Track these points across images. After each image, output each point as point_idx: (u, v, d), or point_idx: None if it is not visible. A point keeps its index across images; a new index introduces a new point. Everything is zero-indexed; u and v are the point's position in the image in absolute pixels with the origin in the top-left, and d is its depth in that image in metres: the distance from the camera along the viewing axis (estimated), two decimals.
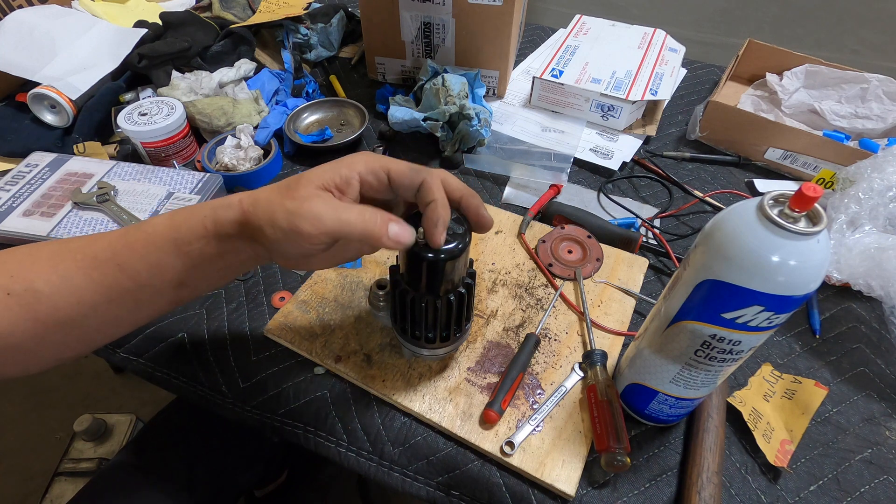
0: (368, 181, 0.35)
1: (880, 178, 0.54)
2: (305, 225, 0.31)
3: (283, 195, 0.33)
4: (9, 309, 0.33)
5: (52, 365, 0.37)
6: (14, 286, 0.33)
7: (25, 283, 0.33)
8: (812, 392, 0.45)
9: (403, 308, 0.40)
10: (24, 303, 0.33)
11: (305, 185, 0.33)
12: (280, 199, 0.32)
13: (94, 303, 0.34)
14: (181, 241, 0.34)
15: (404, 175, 0.35)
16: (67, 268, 0.34)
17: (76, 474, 1.04)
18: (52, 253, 0.35)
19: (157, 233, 0.35)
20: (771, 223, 0.28)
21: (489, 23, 0.73)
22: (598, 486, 0.42)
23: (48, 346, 0.35)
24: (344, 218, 0.31)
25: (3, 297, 0.33)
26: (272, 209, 0.32)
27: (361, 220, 0.32)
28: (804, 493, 0.42)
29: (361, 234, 0.32)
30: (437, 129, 0.69)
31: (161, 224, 0.35)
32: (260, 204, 0.33)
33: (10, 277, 0.34)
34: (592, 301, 0.53)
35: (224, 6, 0.90)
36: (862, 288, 0.50)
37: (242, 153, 0.68)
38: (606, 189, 0.69)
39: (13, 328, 0.33)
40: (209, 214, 0.34)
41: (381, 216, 0.32)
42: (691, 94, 0.86)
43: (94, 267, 0.34)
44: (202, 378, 0.49)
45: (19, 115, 0.72)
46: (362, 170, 0.34)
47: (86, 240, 0.36)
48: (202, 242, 0.34)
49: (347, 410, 0.46)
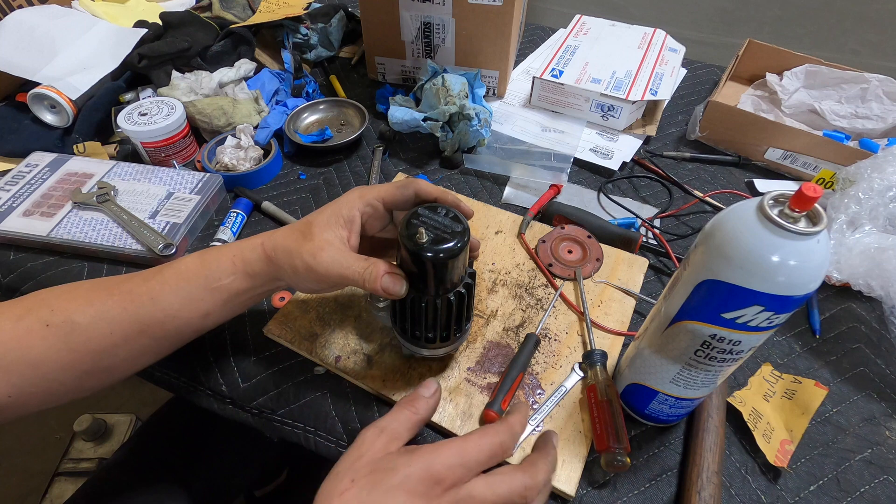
0: (367, 213, 0.40)
1: (880, 178, 0.54)
2: (319, 271, 0.37)
3: (300, 242, 0.38)
4: (45, 339, 0.37)
5: (73, 397, 0.40)
6: (53, 318, 0.37)
7: (64, 315, 0.37)
8: (812, 392, 0.45)
9: (403, 308, 0.40)
10: (62, 333, 0.37)
11: (318, 231, 0.38)
12: (297, 246, 0.38)
13: (126, 333, 0.38)
14: (212, 277, 0.39)
15: (395, 194, 0.40)
16: (103, 301, 0.38)
17: (76, 474, 1.05)
18: (90, 288, 0.39)
19: (189, 269, 0.39)
20: (771, 223, 0.28)
21: (489, 23, 0.73)
22: (598, 486, 0.42)
23: (76, 377, 0.38)
24: (346, 272, 0.37)
25: (42, 328, 0.37)
26: (291, 256, 0.38)
27: (361, 272, 0.37)
28: (804, 493, 0.42)
29: (360, 284, 0.37)
30: (437, 129, 0.69)
31: (192, 262, 0.40)
32: (280, 250, 0.39)
33: (50, 311, 0.37)
34: (592, 301, 0.53)
35: (224, 6, 0.90)
36: (862, 288, 0.50)
37: (242, 153, 0.68)
38: (606, 189, 0.69)
39: (47, 357, 0.37)
40: (237, 254, 0.39)
41: (379, 269, 0.36)
42: (691, 94, 0.86)
43: (129, 300, 0.38)
44: (202, 378, 0.49)
45: (19, 115, 0.72)
46: (360, 205, 0.39)
47: (121, 277, 0.41)
48: (231, 278, 0.39)
49: (347, 410, 0.46)
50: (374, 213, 0.40)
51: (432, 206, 0.38)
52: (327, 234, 0.38)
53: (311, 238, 0.37)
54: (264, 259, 0.39)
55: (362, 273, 0.36)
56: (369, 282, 0.36)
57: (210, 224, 0.63)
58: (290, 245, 0.38)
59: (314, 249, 0.37)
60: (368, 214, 0.40)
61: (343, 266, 0.37)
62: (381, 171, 0.70)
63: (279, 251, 0.38)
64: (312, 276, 0.37)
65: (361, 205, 0.39)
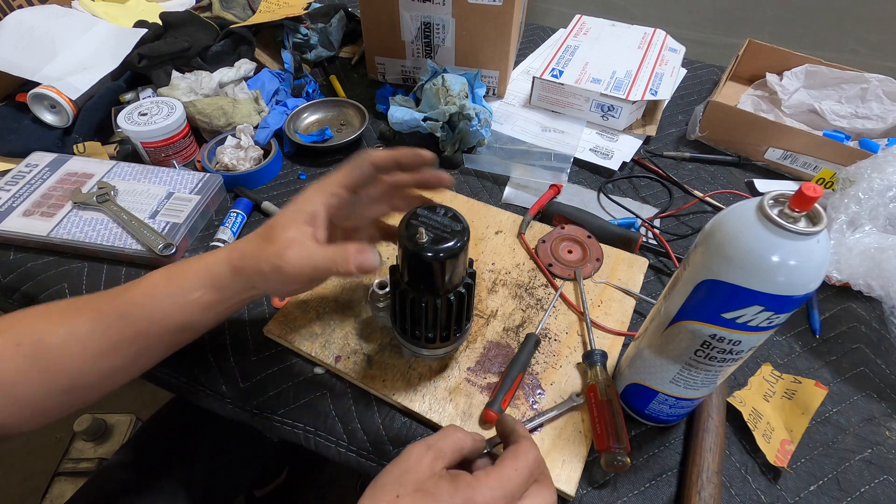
0: (332, 204, 0.39)
1: (880, 178, 0.54)
2: (289, 270, 0.36)
3: (263, 247, 0.37)
4: (14, 360, 0.36)
5: (55, 417, 0.40)
6: (23, 338, 0.37)
7: (35, 335, 0.37)
8: (812, 392, 0.45)
9: (403, 308, 0.40)
10: (31, 353, 0.37)
11: (280, 231, 0.37)
12: (261, 251, 0.37)
13: (100, 350, 0.38)
14: (178, 294, 0.38)
15: (353, 175, 0.40)
16: (73, 321, 0.38)
17: (76, 474, 1.04)
18: (62, 309, 0.39)
19: (156, 286, 0.39)
20: (771, 223, 0.28)
21: (489, 23, 0.73)
22: (598, 486, 0.42)
23: (53, 397, 0.38)
24: (315, 263, 0.36)
25: (13, 347, 0.37)
26: (258, 261, 0.37)
27: (330, 260, 0.36)
28: (804, 493, 0.42)
29: (332, 272, 0.36)
30: (437, 129, 0.69)
31: (159, 278, 0.39)
32: (246, 258, 0.38)
33: (22, 331, 0.38)
34: (592, 301, 0.53)
35: (224, 6, 0.90)
36: (862, 288, 0.50)
37: (242, 153, 0.68)
38: (606, 189, 0.69)
39: (17, 377, 0.36)
40: (202, 268, 0.39)
41: (348, 250, 0.35)
42: (691, 94, 0.86)
43: (97, 318, 0.38)
44: (202, 378, 0.49)
45: (19, 115, 0.72)
46: (322, 199, 0.38)
47: (92, 296, 0.40)
48: (199, 293, 0.38)
49: (347, 410, 0.46)
50: (339, 202, 0.39)
51: (431, 206, 0.38)
52: (290, 232, 0.37)
53: (273, 240, 0.37)
54: (231, 271, 0.38)
55: (333, 258, 0.35)
56: (342, 265, 0.35)
57: (210, 224, 0.63)
58: (254, 251, 0.37)
59: (279, 250, 0.36)
60: (334, 206, 0.39)
61: (311, 259, 0.36)
62: None
63: (245, 259, 0.38)
64: (283, 278, 0.36)
65: (322, 198, 0.38)
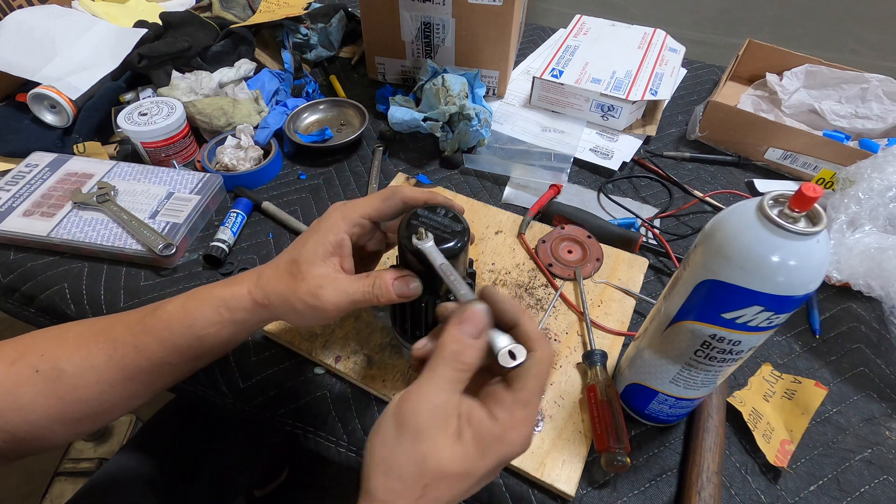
0: (356, 233, 0.38)
1: (880, 178, 0.54)
2: (328, 308, 0.35)
3: (293, 285, 0.35)
4: (34, 385, 0.36)
5: (64, 443, 0.41)
6: (42, 365, 0.37)
7: (52, 362, 0.37)
8: (812, 392, 0.45)
9: (403, 308, 0.40)
10: (48, 380, 0.36)
11: (307, 268, 0.35)
12: (292, 290, 0.35)
13: (113, 380, 0.37)
14: (196, 326, 0.37)
15: (380, 208, 0.38)
16: (90, 349, 0.37)
17: (76, 474, 1.05)
18: (77, 335, 0.39)
19: (173, 318, 0.37)
20: (771, 223, 0.28)
21: (489, 23, 0.73)
22: (598, 486, 0.42)
23: (65, 425, 0.38)
24: (353, 298, 0.35)
25: (32, 373, 0.36)
26: (289, 300, 0.35)
27: (369, 294, 0.36)
28: (804, 493, 0.42)
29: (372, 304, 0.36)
30: (437, 130, 0.69)
31: (175, 309, 0.38)
32: (273, 296, 0.36)
33: (40, 356, 0.37)
34: (592, 301, 0.53)
35: (224, 6, 0.90)
36: (862, 288, 0.50)
37: (242, 153, 0.68)
38: (606, 189, 0.69)
39: (35, 403, 0.36)
40: (222, 304, 0.37)
41: (386, 280, 0.35)
42: (691, 94, 0.86)
43: (114, 349, 0.37)
44: (202, 378, 0.49)
45: (19, 115, 0.72)
46: (346, 227, 0.37)
47: (108, 322, 0.39)
48: (217, 327, 0.37)
49: (347, 410, 0.46)
50: (362, 231, 0.38)
51: (432, 206, 0.38)
52: (319, 268, 0.36)
53: (302, 278, 0.35)
54: (254, 307, 0.37)
55: (372, 291, 0.35)
56: (383, 296, 0.35)
57: (210, 224, 0.63)
58: (283, 290, 0.36)
59: (312, 289, 0.35)
60: (357, 234, 0.38)
61: (349, 295, 0.35)
62: (381, 172, 0.70)
63: (273, 297, 0.36)
64: (319, 315, 0.36)
65: (347, 227, 0.37)
